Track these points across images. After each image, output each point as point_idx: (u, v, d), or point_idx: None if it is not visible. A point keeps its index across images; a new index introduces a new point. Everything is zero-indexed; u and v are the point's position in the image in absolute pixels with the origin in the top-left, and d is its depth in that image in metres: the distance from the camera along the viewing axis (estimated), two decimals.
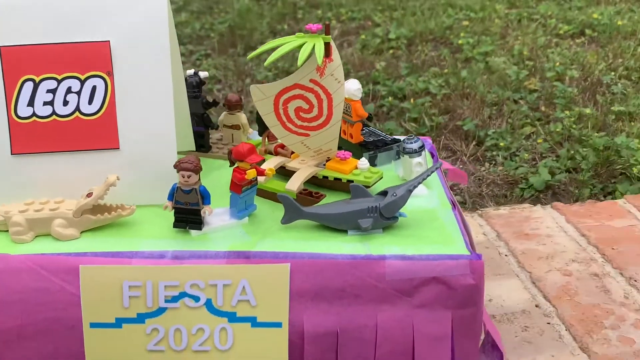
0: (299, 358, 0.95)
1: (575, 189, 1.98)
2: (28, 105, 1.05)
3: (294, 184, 1.08)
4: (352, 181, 1.08)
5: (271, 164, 1.12)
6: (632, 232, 1.67)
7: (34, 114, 1.05)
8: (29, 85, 1.05)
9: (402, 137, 1.21)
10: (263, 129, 1.22)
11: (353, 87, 1.21)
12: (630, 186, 1.99)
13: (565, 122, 2.31)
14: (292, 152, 1.17)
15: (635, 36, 3.06)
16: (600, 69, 2.74)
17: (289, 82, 1.09)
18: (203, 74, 1.28)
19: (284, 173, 1.13)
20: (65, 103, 1.05)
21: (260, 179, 1.07)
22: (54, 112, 1.05)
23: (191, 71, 1.27)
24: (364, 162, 1.12)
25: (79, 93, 1.05)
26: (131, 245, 0.97)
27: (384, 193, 1.01)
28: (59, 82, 1.05)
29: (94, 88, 1.05)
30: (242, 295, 0.94)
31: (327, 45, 1.05)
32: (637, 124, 2.29)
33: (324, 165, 1.13)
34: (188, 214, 0.99)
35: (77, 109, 1.05)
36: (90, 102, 1.05)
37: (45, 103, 1.05)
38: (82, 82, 1.05)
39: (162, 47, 1.06)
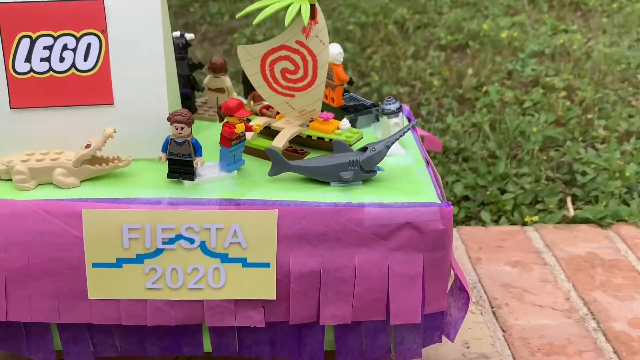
0: (286, 295, 1.09)
1: None
2: (25, 61, 1.14)
3: (280, 141, 1.19)
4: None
5: (257, 122, 1.23)
6: None
7: (31, 70, 1.14)
8: (26, 42, 1.14)
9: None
10: (248, 90, 1.31)
11: (335, 51, 1.31)
12: None
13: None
14: (277, 114, 1.27)
15: (508, 50, 2.88)
16: (441, 85, 2.57)
17: (275, 43, 1.18)
18: (189, 36, 1.36)
19: (269, 133, 1.23)
20: (62, 59, 1.15)
21: (248, 134, 1.20)
22: (50, 68, 1.14)
23: (177, 33, 1.35)
24: (345, 122, 1.23)
25: (74, 50, 1.15)
26: (129, 193, 1.08)
27: (363, 149, 1.14)
28: (55, 39, 1.14)
29: (89, 45, 1.15)
30: (234, 238, 1.06)
31: (312, 7, 1.13)
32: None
33: (308, 125, 1.24)
34: (181, 165, 1.10)
35: (73, 65, 1.15)
36: (85, 59, 1.15)
37: (42, 59, 1.14)
38: (78, 40, 1.15)
39: (154, 5, 1.16)
